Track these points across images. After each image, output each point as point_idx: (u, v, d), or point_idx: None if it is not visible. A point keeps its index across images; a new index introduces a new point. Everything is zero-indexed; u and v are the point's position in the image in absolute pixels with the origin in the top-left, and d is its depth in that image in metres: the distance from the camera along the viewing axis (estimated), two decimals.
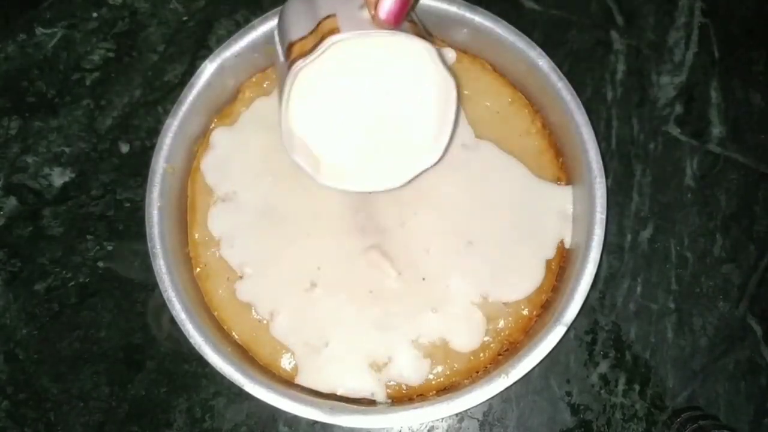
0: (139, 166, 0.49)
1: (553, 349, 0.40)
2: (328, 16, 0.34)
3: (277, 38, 0.39)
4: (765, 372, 0.48)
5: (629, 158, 0.50)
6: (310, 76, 0.35)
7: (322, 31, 0.34)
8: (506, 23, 0.43)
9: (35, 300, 0.49)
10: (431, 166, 0.39)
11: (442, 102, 0.37)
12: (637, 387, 0.48)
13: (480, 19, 0.43)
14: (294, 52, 0.35)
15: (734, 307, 0.49)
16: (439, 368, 0.42)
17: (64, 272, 0.49)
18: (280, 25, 0.39)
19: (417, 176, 0.40)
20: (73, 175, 0.50)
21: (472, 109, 0.45)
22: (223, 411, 0.47)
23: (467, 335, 0.43)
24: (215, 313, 0.44)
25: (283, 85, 0.35)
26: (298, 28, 0.36)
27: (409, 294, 0.43)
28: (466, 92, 0.45)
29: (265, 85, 0.46)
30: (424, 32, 0.38)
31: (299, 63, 0.33)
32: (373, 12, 0.33)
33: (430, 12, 0.43)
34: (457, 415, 0.47)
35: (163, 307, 0.41)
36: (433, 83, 0.37)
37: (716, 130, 0.51)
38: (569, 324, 0.40)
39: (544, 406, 0.47)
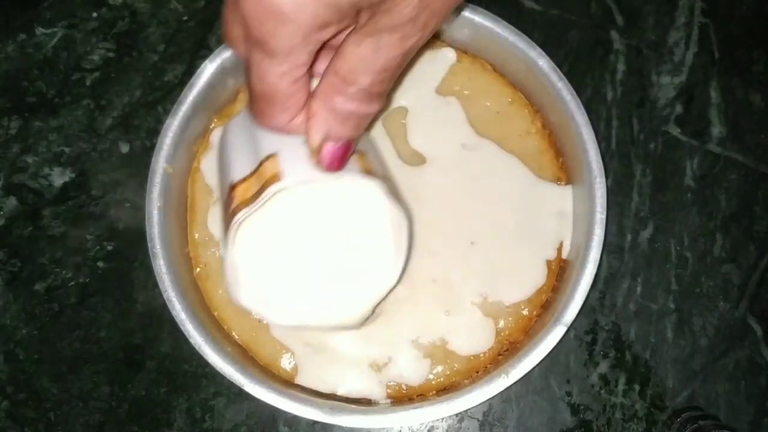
0: (139, 166, 0.49)
1: (553, 349, 0.40)
2: (270, 156, 0.32)
3: (219, 165, 0.36)
4: (765, 372, 0.48)
5: (629, 158, 0.50)
6: (253, 224, 0.33)
7: (264, 175, 0.31)
8: (506, 23, 0.43)
9: (35, 300, 0.49)
10: (390, 291, 0.38)
11: (395, 229, 0.36)
12: (637, 387, 0.48)
13: (480, 19, 0.43)
14: (236, 197, 0.33)
15: (734, 307, 0.49)
16: (439, 368, 0.42)
17: (64, 272, 0.49)
18: (221, 156, 0.36)
19: (377, 306, 0.38)
20: (73, 175, 0.50)
21: (472, 109, 0.45)
22: (223, 411, 0.47)
23: (470, 336, 0.42)
24: (215, 313, 0.44)
25: (227, 233, 0.33)
26: (239, 165, 0.34)
27: (410, 294, 0.43)
28: (466, 92, 0.45)
29: None
30: (374, 160, 0.36)
31: (241, 215, 0.31)
32: (315, 160, 0.31)
33: None
34: (457, 415, 0.47)
35: (163, 307, 0.41)
36: (384, 214, 0.36)
37: (716, 130, 0.51)
38: (569, 324, 0.40)
39: (544, 406, 0.47)
